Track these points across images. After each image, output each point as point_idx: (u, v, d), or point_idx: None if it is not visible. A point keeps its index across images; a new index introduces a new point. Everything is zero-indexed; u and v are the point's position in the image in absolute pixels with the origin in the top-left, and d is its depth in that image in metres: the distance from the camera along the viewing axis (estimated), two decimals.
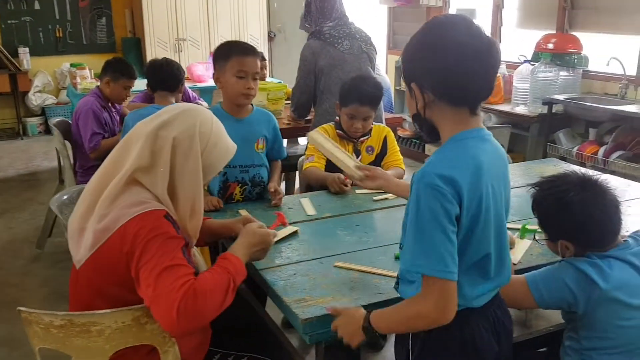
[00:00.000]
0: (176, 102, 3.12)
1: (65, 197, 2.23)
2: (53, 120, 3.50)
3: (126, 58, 6.33)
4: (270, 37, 7.62)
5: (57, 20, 6.94)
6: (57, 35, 6.96)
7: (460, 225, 1.24)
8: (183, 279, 1.36)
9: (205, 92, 4.89)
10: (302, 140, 4.18)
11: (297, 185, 4.42)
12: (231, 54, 2.23)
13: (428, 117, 1.32)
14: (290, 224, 2.03)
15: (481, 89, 1.27)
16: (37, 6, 6.79)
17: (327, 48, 3.29)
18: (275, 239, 1.88)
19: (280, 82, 4.23)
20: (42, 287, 3.21)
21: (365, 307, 1.48)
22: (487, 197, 1.28)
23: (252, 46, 2.31)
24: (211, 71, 5.23)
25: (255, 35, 7.20)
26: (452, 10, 5.81)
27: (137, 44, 7.08)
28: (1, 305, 2.98)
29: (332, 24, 3.35)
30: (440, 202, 1.21)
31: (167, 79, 3.04)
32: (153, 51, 6.78)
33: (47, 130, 6.83)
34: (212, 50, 2.43)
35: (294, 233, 1.96)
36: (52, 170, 5.32)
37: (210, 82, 5.25)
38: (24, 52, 6.65)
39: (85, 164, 3.41)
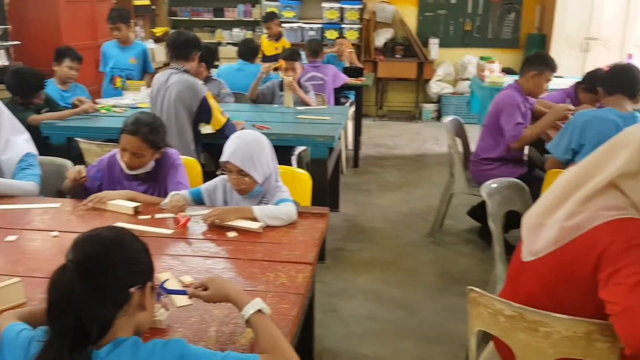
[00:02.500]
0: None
1: (493, 185, 2.28)
2: (446, 119, 3.62)
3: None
4: None
5: (468, 14, 7.28)
6: (465, 28, 7.31)
7: None
8: None
9: None
10: None
11: None
12: None
13: None
14: None
15: None
16: (453, 0, 7.25)
17: None
18: None
19: None
20: (434, 263, 3.41)
21: None
22: None
23: None
24: None
25: None
26: None
27: (541, 41, 6.89)
28: (400, 270, 3.29)
29: None
30: None
31: (629, 83, 2.86)
32: (557, 49, 6.50)
33: (439, 117, 7.30)
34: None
35: None
36: (440, 156, 5.66)
37: None
38: (433, 42, 7.21)
39: (491, 155, 3.47)
